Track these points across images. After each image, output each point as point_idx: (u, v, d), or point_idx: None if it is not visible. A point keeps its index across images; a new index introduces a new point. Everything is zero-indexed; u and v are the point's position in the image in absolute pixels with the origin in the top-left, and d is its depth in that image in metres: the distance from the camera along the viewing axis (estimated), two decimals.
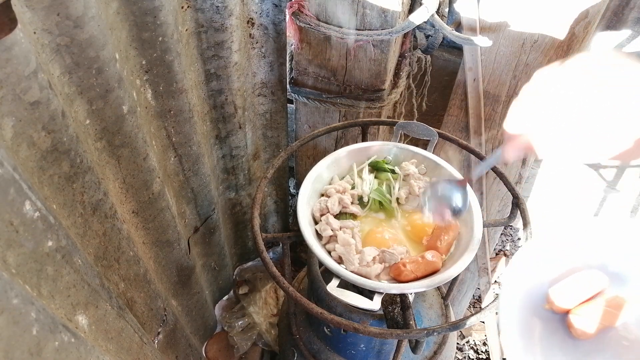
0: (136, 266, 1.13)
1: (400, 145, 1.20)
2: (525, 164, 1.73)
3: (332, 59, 1.47)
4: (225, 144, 1.57)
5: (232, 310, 2.02)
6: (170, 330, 1.38)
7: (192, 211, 1.52)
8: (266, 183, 1.12)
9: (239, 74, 1.39)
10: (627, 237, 0.73)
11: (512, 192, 1.13)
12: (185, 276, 1.51)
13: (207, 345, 1.94)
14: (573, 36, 1.37)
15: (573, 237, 0.74)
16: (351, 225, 1.03)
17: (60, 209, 0.84)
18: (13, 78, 0.65)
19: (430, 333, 0.89)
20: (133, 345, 0.99)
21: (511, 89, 1.56)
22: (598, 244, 0.74)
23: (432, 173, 1.17)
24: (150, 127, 1.16)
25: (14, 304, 0.56)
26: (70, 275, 0.75)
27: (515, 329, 0.67)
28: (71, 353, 0.67)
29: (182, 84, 1.15)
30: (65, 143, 0.79)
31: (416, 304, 1.30)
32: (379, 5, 1.29)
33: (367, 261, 0.95)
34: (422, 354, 1.28)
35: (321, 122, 1.66)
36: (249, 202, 1.86)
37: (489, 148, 1.73)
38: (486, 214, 1.87)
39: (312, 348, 1.31)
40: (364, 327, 0.89)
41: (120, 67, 0.91)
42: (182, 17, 1.14)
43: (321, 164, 1.14)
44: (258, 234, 1.01)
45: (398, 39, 1.45)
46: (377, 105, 1.52)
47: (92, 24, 0.78)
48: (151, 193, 1.16)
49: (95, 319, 0.83)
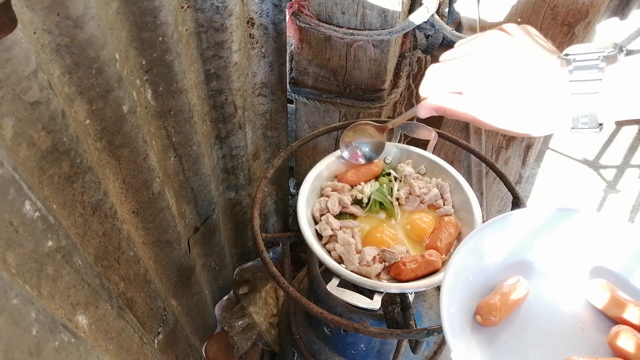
0: (136, 266, 1.13)
1: (400, 145, 1.20)
2: (525, 164, 1.73)
3: (332, 59, 1.47)
4: (225, 144, 1.57)
5: (232, 310, 2.02)
6: (170, 330, 1.38)
7: (192, 211, 1.52)
8: (266, 183, 1.12)
9: (239, 74, 1.39)
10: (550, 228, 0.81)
11: (512, 192, 1.13)
12: (185, 276, 1.52)
13: (207, 345, 1.94)
14: (573, 36, 1.37)
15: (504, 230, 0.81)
16: (351, 225, 1.03)
17: (60, 209, 0.84)
18: (13, 78, 0.65)
19: (430, 333, 0.89)
20: (133, 345, 0.99)
21: None
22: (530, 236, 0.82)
23: (432, 173, 1.17)
24: (150, 127, 1.16)
25: (14, 304, 0.56)
26: (70, 275, 0.75)
27: (453, 314, 0.72)
28: (71, 353, 0.67)
29: (182, 84, 1.15)
30: (65, 143, 0.79)
31: (416, 304, 1.30)
32: (379, 5, 1.29)
33: (367, 261, 0.95)
34: (422, 354, 1.28)
35: (321, 122, 1.66)
36: (249, 202, 1.86)
37: (489, 148, 1.73)
38: (486, 214, 1.87)
39: (312, 348, 1.31)
40: (364, 327, 0.89)
41: (120, 67, 0.91)
42: (182, 17, 1.14)
43: (321, 163, 1.14)
44: (258, 234, 1.01)
45: (398, 39, 1.45)
46: (377, 105, 1.52)
47: (92, 24, 0.79)
48: (151, 193, 1.16)
49: (95, 319, 0.83)
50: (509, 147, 1.70)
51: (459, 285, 0.75)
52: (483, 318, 0.73)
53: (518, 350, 0.71)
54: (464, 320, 0.73)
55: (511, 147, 1.70)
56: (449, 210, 1.08)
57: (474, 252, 0.78)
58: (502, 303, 0.73)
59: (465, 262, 0.77)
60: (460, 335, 0.70)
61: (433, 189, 1.11)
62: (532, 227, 0.82)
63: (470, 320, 0.74)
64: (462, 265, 0.76)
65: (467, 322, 0.74)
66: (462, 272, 0.76)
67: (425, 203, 1.10)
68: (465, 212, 1.06)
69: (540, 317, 0.75)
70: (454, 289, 0.73)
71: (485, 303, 0.74)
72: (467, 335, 0.72)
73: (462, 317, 0.73)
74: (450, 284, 0.73)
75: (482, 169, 1.78)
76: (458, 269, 0.75)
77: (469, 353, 0.69)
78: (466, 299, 0.75)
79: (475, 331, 0.73)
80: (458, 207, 1.09)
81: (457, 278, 0.75)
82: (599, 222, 0.80)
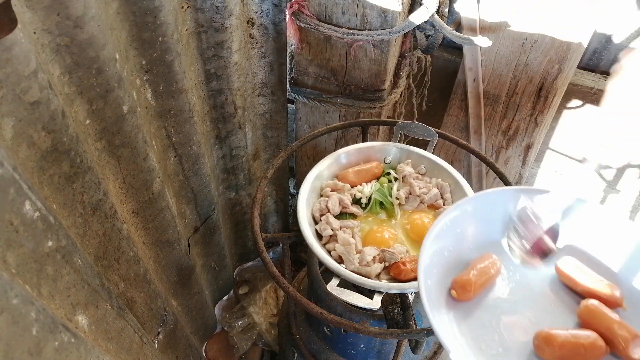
0: (136, 266, 1.13)
1: (400, 145, 1.21)
2: (525, 164, 1.73)
3: (332, 59, 1.47)
4: (225, 144, 1.57)
5: (232, 310, 2.02)
6: (170, 330, 1.38)
7: (192, 211, 1.52)
8: (266, 183, 1.12)
9: (239, 74, 1.39)
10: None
11: None
12: (185, 276, 1.51)
13: (207, 345, 1.93)
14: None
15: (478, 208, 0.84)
16: (351, 225, 1.03)
17: (60, 209, 0.84)
18: (13, 78, 0.65)
19: (430, 333, 0.89)
20: (133, 345, 0.99)
21: (511, 89, 1.56)
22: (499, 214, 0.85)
23: (432, 173, 1.17)
24: (150, 127, 1.16)
25: (14, 304, 0.56)
26: (70, 275, 0.75)
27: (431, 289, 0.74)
28: (71, 353, 0.67)
29: (182, 84, 1.15)
30: (65, 143, 0.79)
31: (416, 304, 1.30)
32: (379, 5, 1.29)
33: (367, 260, 0.95)
34: (422, 354, 1.28)
35: (321, 122, 1.66)
36: (249, 202, 1.86)
37: (489, 148, 1.73)
38: None
39: (312, 348, 1.31)
40: (364, 327, 0.89)
41: (120, 67, 0.91)
42: (182, 17, 1.14)
43: (321, 163, 1.14)
44: (258, 234, 1.01)
45: (398, 39, 1.45)
46: (377, 105, 1.52)
47: (92, 24, 0.79)
48: (151, 193, 1.16)
49: (95, 319, 0.83)
50: (509, 147, 1.71)
51: (435, 259, 0.77)
52: (458, 292, 0.75)
53: (492, 325, 0.73)
54: (439, 295, 0.75)
55: (511, 147, 1.70)
56: None
57: (449, 229, 0.80)
58: (476, 278, 0.75)
59: (441, 238, 0.79)
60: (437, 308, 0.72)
61: (433, 188, 1.11)
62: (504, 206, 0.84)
63: (445, 296, 0.76)
64: (438, 240, 0.78)
65: (442, 298, 0.75)
66: (437, 247, 0.78)
67: (425, 203, 1.10)
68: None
69: (512, 294, 0.77)
70: (430, 263, 0.75)
71: (460, 278, 0.76)
72: (442, 309, 0.73)
73: (438, 292, 0.75)
74: (427, 258, 0.75)
75: (482, 169, 1.78)
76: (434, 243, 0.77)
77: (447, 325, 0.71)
78: (441, 274, 0.77)
79: (450, 306, 0.75)
80: None
81: (433, 253, 0.77)
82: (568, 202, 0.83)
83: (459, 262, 0.80)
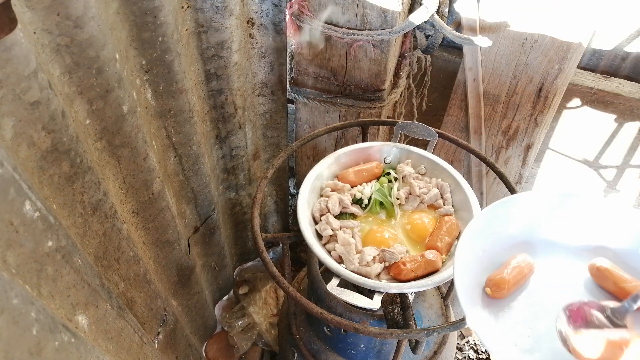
0: (136, 266, 1.13)
1: (400, 145, 1.21)
2: (525, 164, 1.73)
3: (332, 59, 1.47)
4: (225, 144, 1.57)
5: (232, 310, 2.02)
6: (170, 330, 1.38)
7: (192, 211, 1.52)
8: (266, 183, 1.12)
9: (239, 74, 1.39)
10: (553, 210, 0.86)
11: (512, 192, 1.13)
12: (185, 276, 1.51)
13: (207, 345, 1.93)
14: None
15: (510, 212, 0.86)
16: (351, 225, 1.03)
17: (60, 209, 0.84)
18: (13, 78, 0.65)
19: (430, 333, 0.89)
20: (133, 345, 0.99)
21: (511, 89, 1.56)
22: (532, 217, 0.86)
23: (432, 173, 1.17)
24: (150, 127, 1.16)
25: (14, 304, 0.56)
26: (70, 275, 0.75)
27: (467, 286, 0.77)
28: (71, 353, 0.67)
29: (182, 84, 1.15)
30: (65, 143, 0.79)
31: (416, 304, 1.30)
32: (379, 5, 1.29)
33: (367, 261, 0.95)
34: (422, 354, 1.28)
35: (321, 122, 1.66)
36: (249, 202, 1.86)
37: (489, 148, 1.73)
38: None
39: (312, 348, 1.31)
40: (364, 327, 0.89)
41: (120, 67, 0.91)
42: (182, 17, 1.14)
43: (321, 163, 1.14)
44: (258, 234, 1.01)
45: (398, 39, 1.45)
46: (377, 105, 1.52)
47: (92, 24, 0.79)
48: (151, 193, 1.16)
49: (95, 319, 0.83)
50: (509, 147, 1.70)
51: (471, 258, 0.79)
52: (492, 290, 0.76)
53: (525, 321, 0.75)
54: (474, 293, 0.77)
55: (511, 147, 1.70)
56: (449, 210, 1.08)
57: (484, 229, 0.82)
58: (510, 277, 0.76)
59: (477, 238, 0.81)
60: (472, 305, 0.74)
61: (433, 189, 1.11)
62: (538, 209, 0.86)
63: (480, 294, 0.78)
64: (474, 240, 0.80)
65: (477, 295, 0.77)
66: (473, 247, 0.80)
67: (425, 203, 1.10)
68: (465, 212, 1.06)
69: (545, 292, 0.79)
70: (466, 261, 0.77)
71: (494, 276, 0.77)
72: (477, 306, 0.76)
73: (473, 289, 0.77)
74: (463, 256, 0.77)
75: (482, 169, 1.78)
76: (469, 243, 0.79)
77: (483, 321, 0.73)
78: (476, 273, 0.79)
79: (485, 304, 0.77)
80: (458, 207, 1.09)
81: (468, 252, 0.79)
82: (600, 206, 0.84)
83: (493, 262, 0.81)
